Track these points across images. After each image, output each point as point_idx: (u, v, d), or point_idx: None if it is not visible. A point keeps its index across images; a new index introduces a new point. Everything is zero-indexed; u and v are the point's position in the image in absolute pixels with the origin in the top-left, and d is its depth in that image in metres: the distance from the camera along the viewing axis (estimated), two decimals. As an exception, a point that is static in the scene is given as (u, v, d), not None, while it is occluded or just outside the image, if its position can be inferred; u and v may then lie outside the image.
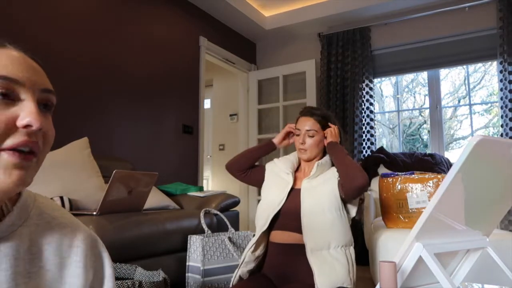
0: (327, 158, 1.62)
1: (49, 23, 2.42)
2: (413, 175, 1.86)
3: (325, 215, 1.47)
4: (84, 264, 0.61)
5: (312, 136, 1.59)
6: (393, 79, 5.18)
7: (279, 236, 1.54)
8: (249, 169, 1.74)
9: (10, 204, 0.57)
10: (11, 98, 0.51)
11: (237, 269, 1.57)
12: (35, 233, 0.58)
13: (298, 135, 1.64)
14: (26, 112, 0.51)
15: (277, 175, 1.65)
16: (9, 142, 0.50)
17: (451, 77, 5.26)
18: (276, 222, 1.55)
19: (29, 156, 0.52)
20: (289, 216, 1.52)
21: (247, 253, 1.55)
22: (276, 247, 1.54)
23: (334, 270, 1.41)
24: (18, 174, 0.51)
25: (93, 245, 0.65)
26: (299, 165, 1.71)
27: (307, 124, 1.61)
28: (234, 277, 1.56)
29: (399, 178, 1.87)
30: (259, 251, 1.56)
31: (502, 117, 3.26)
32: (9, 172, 0.50)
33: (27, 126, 0.51)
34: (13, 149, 0.50)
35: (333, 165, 1.60)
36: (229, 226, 2.13)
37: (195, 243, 1.88)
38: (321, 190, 1.52)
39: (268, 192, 1.64)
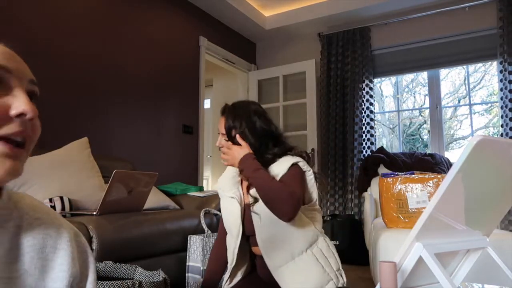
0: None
1: (49, 23, 2.42)
2: (413, 175, 1.86)
3: (280, 228, 1.33)
4: (68, 267, 0.58)
5: (228, 140, 1.42)
6: (393, 79, 5.17)
7: (257, 250, 1.45)
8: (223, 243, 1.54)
9: None
10: (1, 88, 0.51)
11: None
12: (16, 236, 0.55)
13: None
14: (19, 102, 0.51)
15: (226, 198, 1.50)
16: (3, 131, 0.50)
17: (451, 77, 5.26)
18: (249, 240, 1.49)
19: (21, 146, 0.52)
20: (254, 235, 1.42)
21: (224, 285, 1.50)
22: (260, 258, 1.46)
23: (306, 275, 1.31)
24: (11, 163, 0.51)
25: (80, 248, 0.62)
26: None
27: (221, 125, 1.44)
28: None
29: (399, 178, 1.87)
30: (236, 280, 1.50)
31: (502, 117, 3.26)
32: (2, 161, 0.50)
33: (21, 115, 0.50)
34: (6, 138, 0.50)
35: (277, 156, 1.39)
36: (229, 226, 2.13)
37: (195, 243, 1.88)
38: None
39: (226, 223, 1.51)
